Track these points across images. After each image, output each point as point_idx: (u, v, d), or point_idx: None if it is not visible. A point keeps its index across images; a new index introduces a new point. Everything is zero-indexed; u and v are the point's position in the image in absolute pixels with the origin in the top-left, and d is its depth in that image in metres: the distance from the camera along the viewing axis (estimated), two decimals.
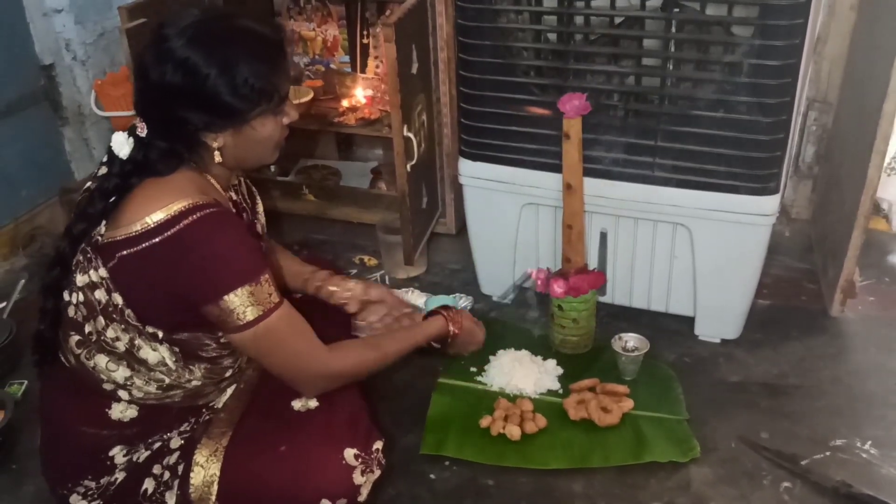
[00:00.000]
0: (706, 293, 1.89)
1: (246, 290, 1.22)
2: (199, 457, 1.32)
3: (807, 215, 2.42)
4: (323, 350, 1.35)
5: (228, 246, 1.22)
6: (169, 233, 1.19)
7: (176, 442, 1.37)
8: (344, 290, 1.67)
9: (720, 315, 1.92)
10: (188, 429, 1.39)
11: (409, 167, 1.96)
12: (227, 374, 1.42)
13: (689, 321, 1.97)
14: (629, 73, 1.75)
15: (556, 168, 1.82)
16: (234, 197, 1.42)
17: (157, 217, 1.20)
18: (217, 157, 1.27)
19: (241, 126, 1.25)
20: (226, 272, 1.22)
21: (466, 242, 2.13)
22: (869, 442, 1.63)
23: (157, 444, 1.37)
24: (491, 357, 1.87)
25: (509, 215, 1.99)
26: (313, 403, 1.40)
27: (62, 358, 1.36)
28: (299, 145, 2.68)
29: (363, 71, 2.51)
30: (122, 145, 1.27)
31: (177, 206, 1.20)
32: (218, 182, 1.33)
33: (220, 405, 1.43)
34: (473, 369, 1.86)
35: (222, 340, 1.35)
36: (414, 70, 1.96)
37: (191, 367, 1.35)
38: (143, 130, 1.26)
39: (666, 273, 1.92)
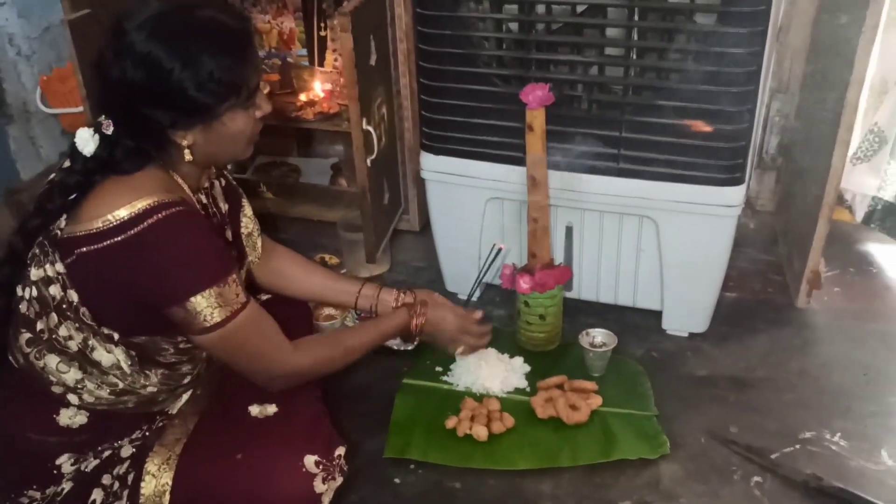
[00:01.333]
0: (673, 287, 1.88)
1: (213, 291, 1.19)
2: (151, 465, 1.26)
3: (771, 207, 2.42)
4: (288, 348, 1.33)
5: (195, 245, 1.19)
6: (132, 231, 1.15)
7: (127, 450, 1.31)
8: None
9: (687, 309, 1.91)
10: (140, 436, 1.33)
11: (369, 162, 1.91)
12: (185, 381, 1.38)
13: (657, 315, 1.96)
14: (592, 63, 1.73)
15: (521, 161, 1.79)
16: (204, 200, 1.37)
17: (120, 214, 1.15)
18: (187, 156, 1.23)
19: (210, 122, 1.21)
20: (192, 273, 1.19)
21: (431, 239, 2.10)
22: (838, 434, 1.63)
23: (107, 453, 1.31)
24: (457, 356, 1.84)
25: (473, 210, 1.95)
26: (272, 409, 1.36)
27: (10, 358, 1.30)
28: (256, 142, 2.61)
29: (321, 64, 2.46)
30: (86, 142, 1.21)
31: (141, 204, 1.16)
32: (186, 182, 1.29)
33: (174, 411, 1.38)
34: (439, 369, 1.82)
35: (181, 346, 1.31)
36: (372, 61, 1.91)
37: (147, 372, 1.30)
38: (108, 128, 1.21)
39: (633, 267, 1.91)
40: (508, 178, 1.85)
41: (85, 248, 1.17)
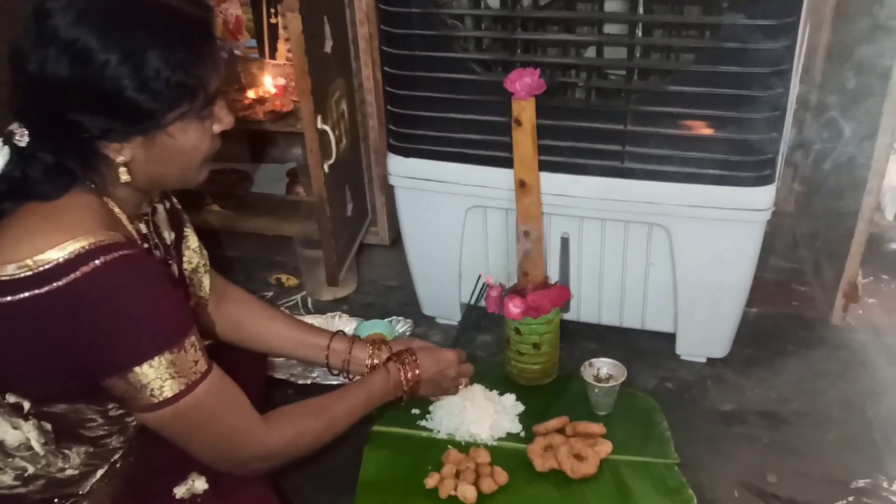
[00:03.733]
0: (689, 306, 1.62)
1: (165, 358, 0.97)
2: None
3: (789, 207, 2.18)
4: (259, 425, 1.11)
5: (144, 301, 0.97)
6: (61, 282, 0.91)
7: None
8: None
9: (706, 331, 1.66)
10: None
11: (326, 167, 1.64)
12: (115, 458, 1.12)
13: (670, 339, 1.70)
14: (589, 43, 1.47)
15: (507, 162, 1.52)
16: (143, 229, 1.11)
17: (43, 258, 0.91)
18: (123, 176, 0.99)
19: (153, 133, 0.97)
20: (138, 336, 0.97)
21: (403, 254, 1.83)
22: None
23: None
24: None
25: (452, 221, 1.68)
26: (200, 486, 1.10)
27: None
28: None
29: (272, 56, 2.18)
30: None
31: (74, 246, 0.92)
32: (123, 209, 1.03)
33: (85, 490, 1.11)
34: (416, 411, 1.55)
35: (112, 413, 1.06)
36: (328, 48, 1.64)
37: (66, 450, 1.05)
38: (22, 138, 0.96)
39: (641, 283, 1.65)
40: (492, 182, 1.59)
41: None
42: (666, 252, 1.58)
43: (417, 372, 1.39)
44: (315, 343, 1.43)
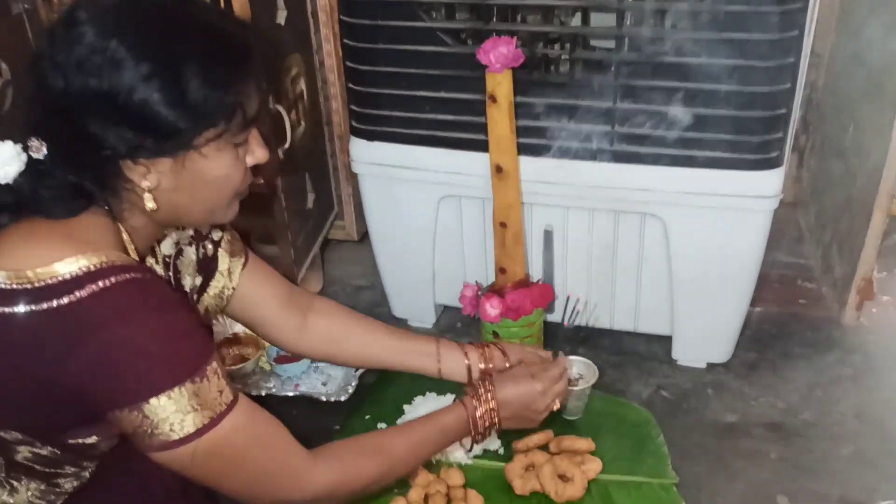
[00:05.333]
0: (687, 305, 1.47)
1: (186, 389, 0.86)
2: None
3: (791, 197, 2.03)
4: (303, 461, 0.98)
5: (160, 324, 0.86)
6: (63, 300, 0.81)
7: None
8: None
9: (705, 333, 1.51)
10: None
11: (281, 153, 1.48)
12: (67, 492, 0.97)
13: (665, 342, 1.56)
14: (574, 7, 1.31)
15: (482, 146, 1.37)
16: (159, 270, 1.02)
17: (46, 271, 0.82)
18: (149, 203, 0.89)
19: (183, 155, 0.87)
20: (155, 363, 0.85)
21: (372, 251, 1.67)
22: None
23: None
24: (406, 407, 1.42)
25: (423, 213, 1.53)
26: None
27: None
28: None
29: None
30: (7, 161, 0.87)
31: (84, 262, 0.83)
32: (134, 240, 0.93)
33: None
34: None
35: (70, 442, 0.91)
36: (281, 20, 1.48)
37: (14, 482, 0.92)
38: (40, 150, 0.86)
39: (633, 281, 1.49)
40: (467, 168, 1.43)
41: None
42: (661, 245, 1.43)
43: (493, 406, 1.19)
44: (423, 350, 1.28)
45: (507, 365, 1.30)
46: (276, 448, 0.96)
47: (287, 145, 1.48)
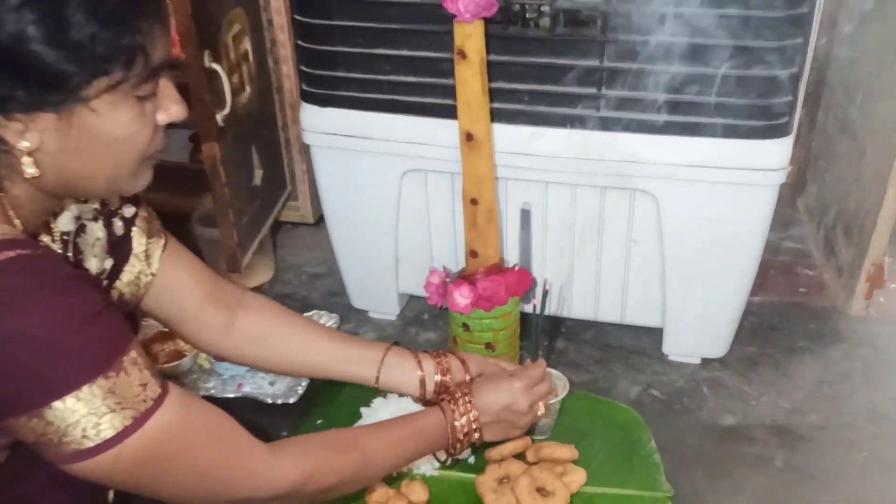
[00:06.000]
0: (680, 293, 1.32)
1: (99, 387, 0.72)
2: None
3: (790, 177, 1.88)
4: (260, 455, 0.86)
5: (60, 312, 0.71)
6: None
7: None
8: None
9: (700, 324, 1.36)
10: None
11: (220, 118, 1.30)
12: None
13: (656, 335, 1.41)
14: None
15: (451, 111, 1.21)
16: (54, 246, 0.85)
17: None
18: (28, 168, 0.73)
19: (70, 108, 0.71)
20: (56, 359, 0.71)
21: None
22: None
23: None
24: (363, 410, 1.25)
25: (384, 189, 1.36)
26: None
27: None
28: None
29: None
30: None
31: None
32: (19, 213, 0.77)
33: None
34: None
35: None
36: None
37: None
38: None
39: (621, 266, 1.34)
40: (433, 137, 1.27)
41: None
42: (652, 225, 1.27)
43: (474, 415, 1.05)
44: (366, 357, 1.13)
45: (467, 378, 1.15)
46: (226, 443, 0.84)
47: (226, 110, 1.30)
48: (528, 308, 1.39)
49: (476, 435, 1.07)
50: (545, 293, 1.22)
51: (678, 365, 1.39)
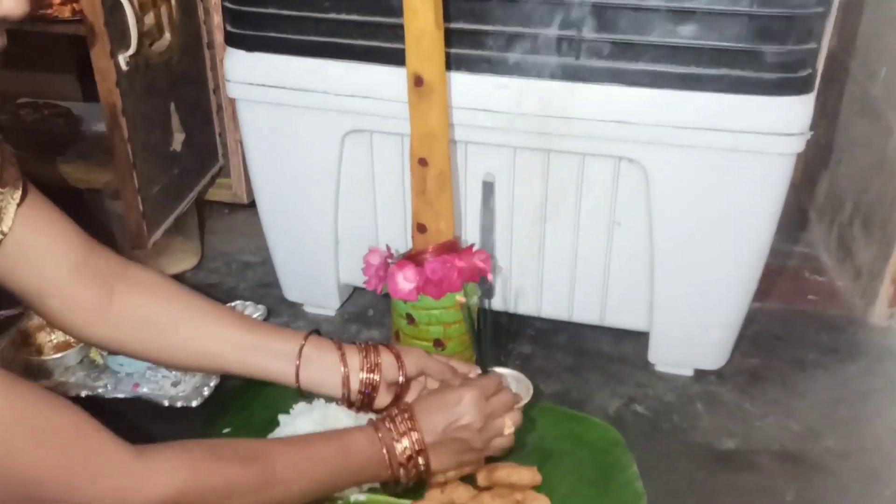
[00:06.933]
0: (671, 289, 1.10)
1: None
2: None
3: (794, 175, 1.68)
4: (124, 455, 0.68)
5: None
6: None
7: None
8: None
9: (694, 329, 1.14)
10: None
11: (124, 61, 1.08)
12: None
13: (641, 341, 1.19)
14: None
15: (400, 57, 0.99)
16: None
17: None
18: None
19: None
20: None
21: None
22: None
23: None
24: (282, 417, 1.02)
25: (321, 155, 1.15)
26: None
27: None
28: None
29: None
30: None
31: None
32: None
33: None
34: None
35: None
36: None
37: None
38: None
39: (601, 255, 1.12)
40: (379, 89, 1.05)
41: None
42: (640, 203, 1.06)
43: (416, 437, 0.84)
44: (281, 350, 0.92)
45: (401, 378, 0.93)
46: (68, 443, 0.66)
47: (131, 50, 1.08)
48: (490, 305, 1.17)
49: (421, 460, 0.85)
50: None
51: (666, 377, 1.17)
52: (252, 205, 1.50)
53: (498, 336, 1.03)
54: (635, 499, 0.94)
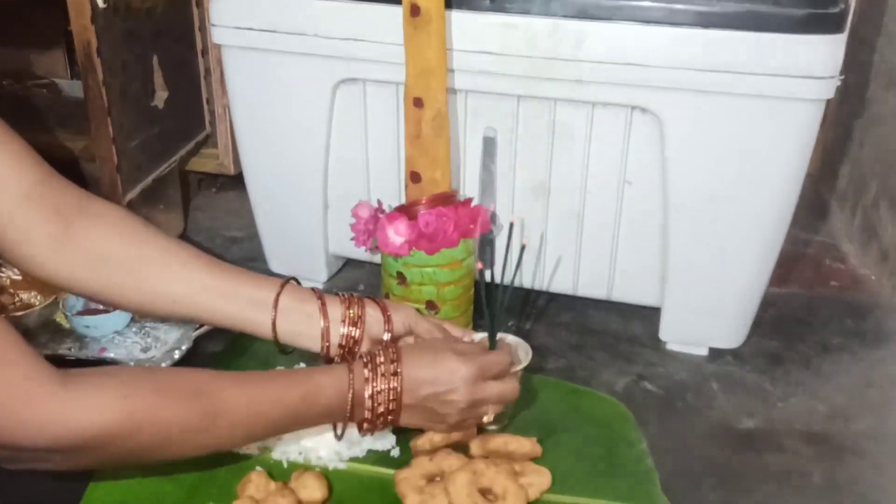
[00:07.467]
0: (685, 258, 1.02)
1: None
2: None
3: (814, 166, 1.60)
4: (45, 384, 0.61)
5: None
6: None
7: None
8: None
9: (710, 303, 1.05)
10: None
11: (102, 3, 1.01)
12: None
13: (651, 317, 1.10)
14: None
15: None
16: None
17: None
18: None
19: None
20: None
21: None
22: None
23: None
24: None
25: (311, 106, 1.07)
26: None
27: None
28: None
29: None
30: None
31: None
32: None
33: None
34: None
35: None
36: None
37: None
38: None
39: (610, 219, 1.04)
40: (374, 31, 0.98)
41: None
42: (654, 159, 0.98)
43: (394, 387, 0.76)
44: (255, 297, 0.82)
45: (386, 336, 0.84)
46: None
47: None
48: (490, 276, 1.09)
49: (390, 418, 0.77)
50: (522, 248, 0.93)
51: (679, 355, 1.08)
52: (240, 177, 1.43)
53: (499, 306, 0.94)
54: (645, 477, 0.85)
